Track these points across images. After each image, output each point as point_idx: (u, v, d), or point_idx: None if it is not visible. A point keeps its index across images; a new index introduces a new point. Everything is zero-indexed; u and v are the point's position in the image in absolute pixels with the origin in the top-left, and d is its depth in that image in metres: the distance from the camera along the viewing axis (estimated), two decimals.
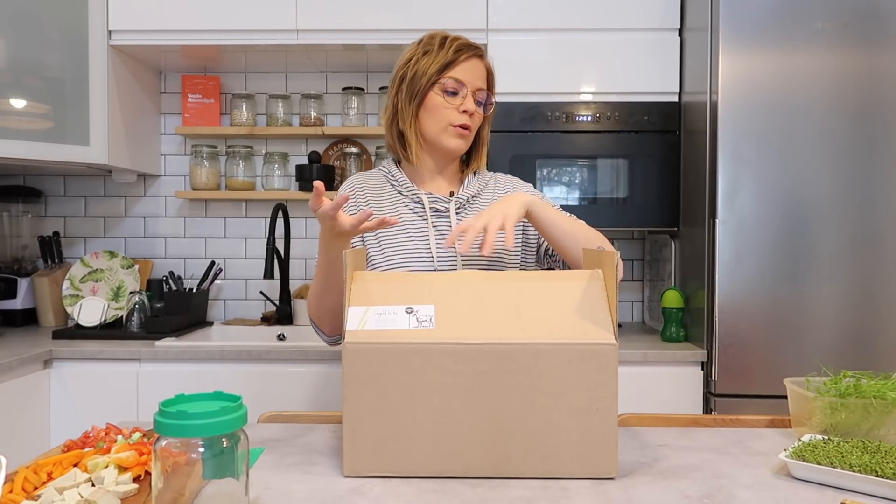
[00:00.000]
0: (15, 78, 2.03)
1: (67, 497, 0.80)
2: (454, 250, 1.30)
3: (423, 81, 1.30)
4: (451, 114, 1.30)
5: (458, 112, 1.30)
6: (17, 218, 2.54)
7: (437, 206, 1.33)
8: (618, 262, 0.95)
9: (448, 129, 1.31)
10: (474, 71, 1.32)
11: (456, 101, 1.30)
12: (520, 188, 1.44)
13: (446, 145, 1.32)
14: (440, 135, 1.31)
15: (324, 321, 1.31)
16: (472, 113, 1.31)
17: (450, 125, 1.31)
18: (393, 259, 1.29)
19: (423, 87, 1.30)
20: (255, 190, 2.57)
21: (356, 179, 1.41)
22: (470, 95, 1.31)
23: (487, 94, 1.36)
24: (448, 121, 1.30)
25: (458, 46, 1.31)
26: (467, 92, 1.31)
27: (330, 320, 1.30)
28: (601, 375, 0.92)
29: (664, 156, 2.20)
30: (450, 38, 1.33)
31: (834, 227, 1.86)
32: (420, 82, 1.30)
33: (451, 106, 1.30)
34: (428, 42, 1.33)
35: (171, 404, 0.77)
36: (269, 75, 2.62)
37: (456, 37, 1.34)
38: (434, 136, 1.32)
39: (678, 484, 0.91)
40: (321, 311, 1.29)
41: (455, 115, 1.30)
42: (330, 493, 0.88)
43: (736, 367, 1.88)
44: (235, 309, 2.63)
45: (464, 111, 1.30)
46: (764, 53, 1.88)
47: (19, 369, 1.86)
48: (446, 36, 1.33)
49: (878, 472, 0.86)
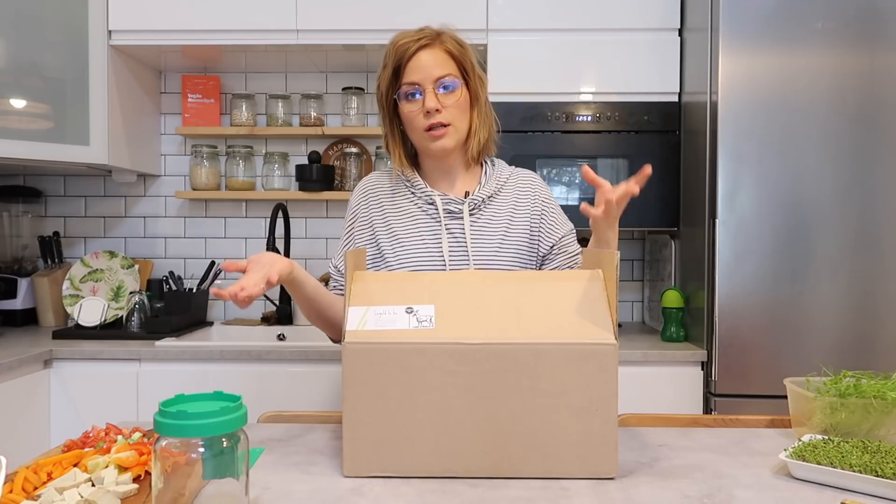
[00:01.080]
0: (15, 78, 2.03)
1: (67, 497, 0.80)
2: (466, 254, 1.28)
3: (386, 98, 1.30)
4: (418, 119, 1.26)
5: (422, 116, 1.26)
6: (17, 218, 2.54)
7: (450, 207, 1.31)
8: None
9: (424, 135, 1.27)
10: (426, 63, 1.25)
11: (416, 106, 1.26)
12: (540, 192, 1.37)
13: (430, 150, 1.29)
14: (422, 142, 1.29)
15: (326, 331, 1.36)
16: (435, 109, 1.24)
17: (423, 131, 1.27)
18: (404, 261, 1.29)
19: (389, 103, 1.30)
20: (255, 190, 2.57)
21: (369, 181, 1.40)
22: (430, 91, 1.24)
23: (453, 77, 1.26)
24: (421, 126, 1.26)
25: (401, 47, 1.26)
26: (425, 89, 1.25)
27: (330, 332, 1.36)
28: (601, 375, 0.92)
29: (664, 156, 2.20)
30: (396, 42, 1.27)
31: (834, 227, 1.86)
32: (385, 99, 1.30)
33: (415, 110, 1.26)
34: (386, 53, 1.29)
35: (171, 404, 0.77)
36: (269, 75, 2.62)
37: (402, 35, 1.27)
38: (420, 144, 1.31)
39: (678, 484, 0.91)
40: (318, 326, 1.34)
41: (420, 119, 1.26)
42: (330, 493, 0.88)
43: (736, 367, 1.88)
44: (235, 309, 2.63)
45: (427, 112, 1.25)
46: (764, 53, 1.88)
47: (19, 369, 1.86)
48: (398, 38, 1.28)
49: (878, 472, 0.86)
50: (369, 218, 1.35)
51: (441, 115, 1.25)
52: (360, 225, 1.36)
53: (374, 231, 1.34)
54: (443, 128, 1.26)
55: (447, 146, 1.28)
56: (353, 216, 1.38)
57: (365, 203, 1.37)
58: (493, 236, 1.31)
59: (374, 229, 1.34)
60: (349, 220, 1.39)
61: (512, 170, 1.40)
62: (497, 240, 1.31)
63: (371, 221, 1.35)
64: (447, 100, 1.25)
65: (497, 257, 1.30)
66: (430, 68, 1.25)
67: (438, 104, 1.24)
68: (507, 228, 1.32)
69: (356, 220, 1.37)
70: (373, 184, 1.39)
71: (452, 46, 1.28)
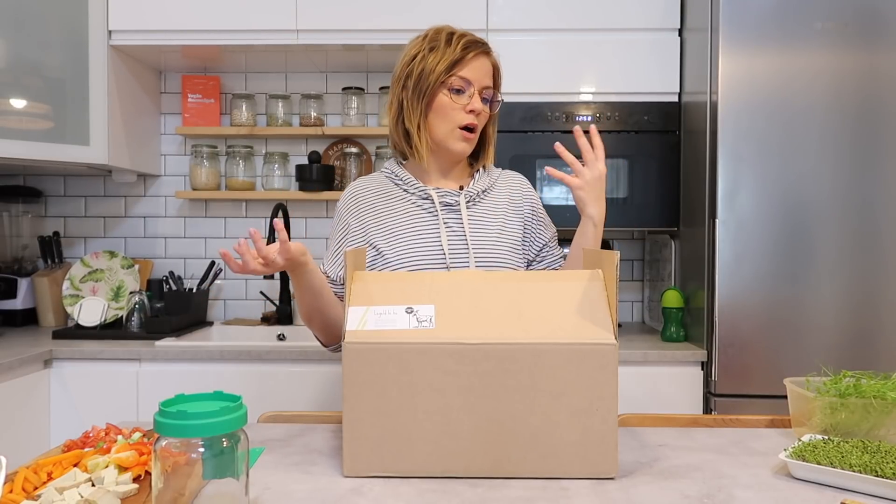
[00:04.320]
0: (15, 78, 2.03)
1: (67, 497, 0.80)
2: (466, 246, 1.29)
3: (432, 80, 1.27)
4: (458, 114, 1.28)
5: (464, 112, 1.28)
6: (17, 218, 2.54)
7: (446, 199, 1.32)
8: None
9: (455, 131, 1.29)
10: (482, 69, 1.30)
11: (462, 101, 1.28)
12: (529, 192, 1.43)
13: (452, 148, 1.30)
14: (447, 137, 1.30)
15: (319, 335, 1.32)
16: (478, 112, 1.29)
17: (456, 127, 1.28)
18: (403, 257, 1.27)
19: (432, 86, 1.27)
20: (255, 190, 2.57)
21: (356, 186, 1.38)
22: (477, 94, 1.28)
23: (494, 91, 1.34)
24: (455, 122, 1.28)
25: (466, 43, 1.28)
26: (474, 91, 1.28)
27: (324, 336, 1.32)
28: (601, 375, 0.92)
29: (664, 156, 2.20)
30: (457, 34, 1.30)
31: (834, 227, 1.86)
32: (428, 80, 1.27)
33: (457, 105, 1.28)
34: (433, 38, 1.29)
35: (171, 404, 0.77)
36: (269, 75, 2.62)
37: (463, 33, 1.30)
38: (442, 137, 1.30)
39: (678, 484, 0.91)
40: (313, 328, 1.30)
41: (462, 115, 1.28)
42: (330, 493, 0.88)
43: (736, 367, 1.88)
44: (235, 309, 2.63)
45: (470, 111, 1.28)
46: (764, 53, 1.88)
47: (19, 369, 1.86)
48: (453, 32, 1.30)
49: (878, 472, 0.86)
50: (362, 222, 1.33)
51: (478, 119, 1.31)
52: (354, 231, 1.33)
53: (370, 234, 1.31)
54: (472, 133, 1.31)
55: (467, 151, 1.33)
56: (345, 224, 1.34)
57: (356, 208, 1.34)
58: (492, 228, 1.32)
59: (369, 233, 1.31)
60: (339, 228, 1.35)
61: (500, 170, 1.45)
62: (495, 231, 1.32)
63: (364, 225, 1.32)
64: (484, 111, 1.32)
65: (496, 248, 1.31)
66: (484, 74, 1.31)
67: (482, 110, 1.30)
68: (503, 221, 1.34)
69: (348, 229, 1.34)
70: (360, 189, 1.37)
71: (497, 63, 1.35)
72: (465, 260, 1.27)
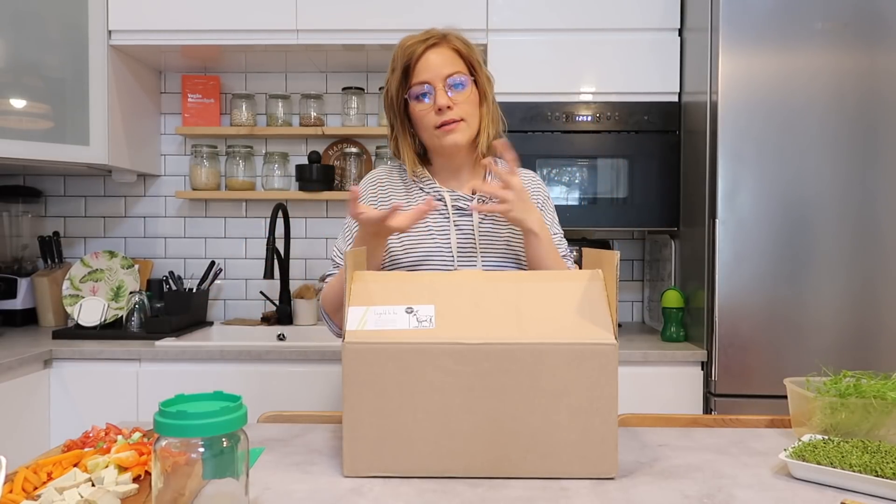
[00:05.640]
0: (15, 78, 2.03)
1: (67, 497, 0.80)
2: (474, 249, 1.30)
3: (397, 99, 1.31)
4: (429, 117, 1.29)
5: (434, 113, 1.28)
6: (17, 218, 2.54)
7: (459, 203, 1.33)
8: None
9: (434, 132, 1.29)
10: (435, 62, 1.28)
11: (427, 104, 1.28)
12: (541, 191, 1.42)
13: (442, 145, 1.31)
14: (432, 140, 1.31)
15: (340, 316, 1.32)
16: (446, 106, 1.26)
17: (433, 128, 1.29)
18: (413, 256, 1.30)
19: (400, 104, 1.31)
20: (255, 190, 2.57)
21: (379, 173, 1.41)
22: (441, 89, 1.27)
23: (463, 75, 1.29)
24: (430, 124, 1.29)
25: (408, 49, 1.29)
26: (435, 88, 1.27)
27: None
28: (601, 375, 0.92)
29: (664, 156, 2.20)
30: (408, 43, 1.30)
31: (834, 226, 1.86)
32: (395, 101, 1.31)
33: (425, 109, 1.29)
34: (393, 56, 1.32)
35: (171, 404, 0.77)
36: (269, 75, 2.62)
37: (409, 39, 1.31)
38: (429, 142, 1.33)
39: (678, 484, 0.91)
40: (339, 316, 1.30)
41: (432, 116, 1.28)
42: (330, 493, 0.88)
43: (736, 367, 1.88)
44: (235, 309, 2.63)
45: (438, 109, 1.27)
46: (764, 53, 1.88)
47: (19, 369, 1.86)
48: (407, 41, 1.31)
49: (878, 472, 0.86)
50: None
51: (453, 111, 1.27)
52: None
53: None
54: (454, 123, 1.28)
55: (459, 141, 1.30)
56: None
57: (374, 194, 1.38)
58: (502, 234, 1.33)
59: None
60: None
61: None
62: (505, 237, 1.33)
63: None
64: (458, 97, 1.28)
65: (505, 253, 1.32)
66: (439, 67, 1.28)
67: (450, 101, 1.27)
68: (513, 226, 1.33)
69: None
70: (382, 177, 1.40)
71: (459, 45, 1.31)
72: (472, 262, 1.30)
